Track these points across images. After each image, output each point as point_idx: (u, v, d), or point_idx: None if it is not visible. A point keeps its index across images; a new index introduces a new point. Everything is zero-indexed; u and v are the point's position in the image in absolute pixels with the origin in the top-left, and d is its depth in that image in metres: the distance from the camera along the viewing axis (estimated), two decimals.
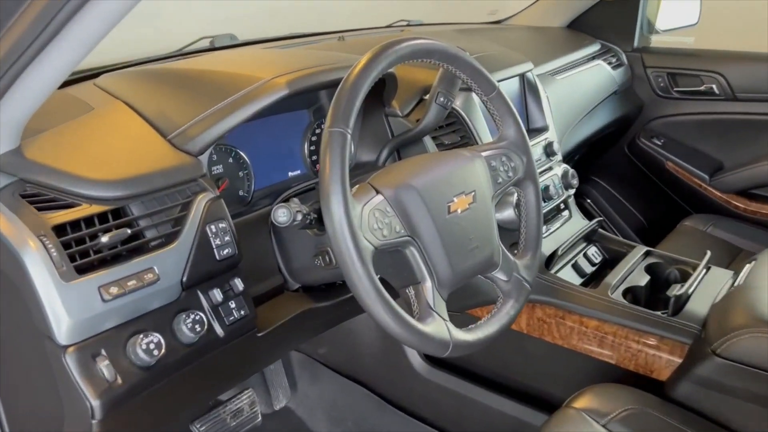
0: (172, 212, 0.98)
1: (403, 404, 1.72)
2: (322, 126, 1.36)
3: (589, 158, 2.53)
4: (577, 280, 1.57)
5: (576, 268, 1.58)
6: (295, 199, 1.00)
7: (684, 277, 1.54)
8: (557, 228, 1.62)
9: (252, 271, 1.12)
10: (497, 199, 1.14)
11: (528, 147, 1.19)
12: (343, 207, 0.87)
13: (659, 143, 2.41)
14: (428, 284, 0.98)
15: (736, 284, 1.33)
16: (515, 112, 1.17)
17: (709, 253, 1.52)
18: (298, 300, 1.18)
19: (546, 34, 2.42)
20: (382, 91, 1.33)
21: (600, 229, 1.71)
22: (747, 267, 1.40)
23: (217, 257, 0.98)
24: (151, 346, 0.89)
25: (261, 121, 1.26)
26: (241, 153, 1.21)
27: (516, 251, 1.19)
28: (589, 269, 1.60)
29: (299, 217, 0.94)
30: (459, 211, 1.03)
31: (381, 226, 0.93)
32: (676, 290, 1.38)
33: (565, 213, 1.68)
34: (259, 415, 1.66)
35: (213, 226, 0.99)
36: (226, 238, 1.00)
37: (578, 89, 2.06)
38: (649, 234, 2.54)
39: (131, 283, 0.89)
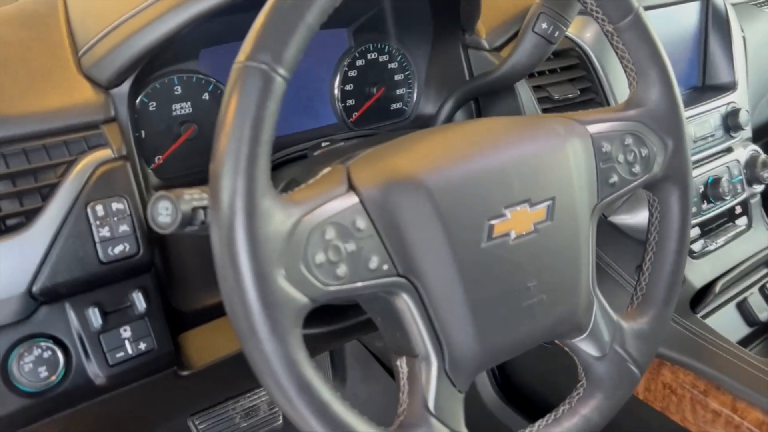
0: (48, 176, 0.61)
1: None
2: (368, 55, 0.94)
3: None
4: (740, 332, 1.01)
5: (743, 310, 1.02)
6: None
7: None
8: (723, 244, 1.06)
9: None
10: (600, 212, 0.64)
11: (681, 122, 0.67)
12: (242, 217, 0.44)
13: None
14: (432, 366, 0.54)
15: None
16: (664, 57, 0.65)
17: None
18: None
19: None
20: (459, 8, 0.85)
21: None
22: None
23: (102, 257, 0.61)
24: None
25: None
26: (223, 86, 0.81)
27: (630, 302, 0.70)
28: (764, 313, 1.03)
29: (203, 216, 0.52)
30: (513, 234, 0.56)
31: (336, 258, 0.49)
32: None
33: (742, 221, 1.10)
34: (280, 418, 1.32)
35: (100, 207, 0.61)
36: (122, 228, 0.62)
37: None
38: None
39: None
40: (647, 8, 0.99)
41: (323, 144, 0.77)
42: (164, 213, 0.50)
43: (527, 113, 0.89)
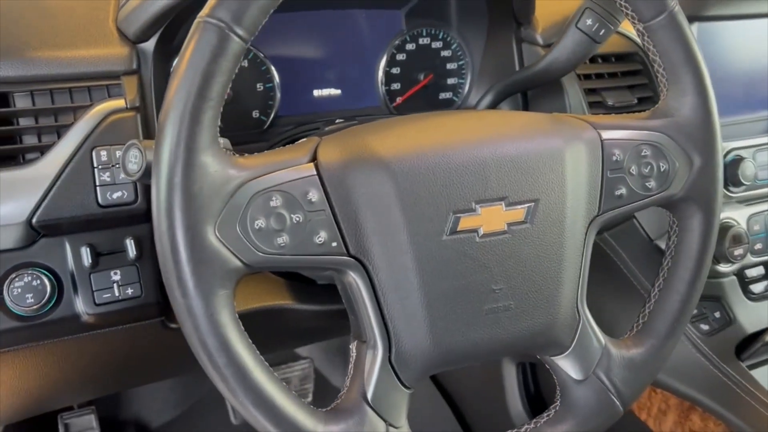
0: (67, 117, 0.65)
1: None
2: (420, 40, 0.91)
3: None
4: None
5: None
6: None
7: None
8: None
9: None
10: (602, 224, 0.59)
11: (714, 138, 0.60)
12: (179, 168, 0.45)
13: None
14: (378, 355, 0.52)
15: None
16: (700, 63, 0.59)
17: None
18: (272, 288, 0.79)
19: None
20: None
21: None
22: None
23: (101, 200, 0.64)
24: None
25: (317, 15, 0.85)
26: (262, 56, 0.82)
27: (630, 328, 0.64)
28: None
29: None
30: (481, 231, 0.53)
31: (279, 226, 0.48)
32: None
33: None
34: (310, 394, 1.34)
35: (104, 153, 0.64)
36: (122, 176, 0.64)
37: None
38: None
39: None
40: (723, 18, 0.88)
41: (337, 121, 0.76)
42: (133, 161, 0.52)
43: None
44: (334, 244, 0.50)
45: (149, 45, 0.69)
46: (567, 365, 0.59)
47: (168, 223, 0.45)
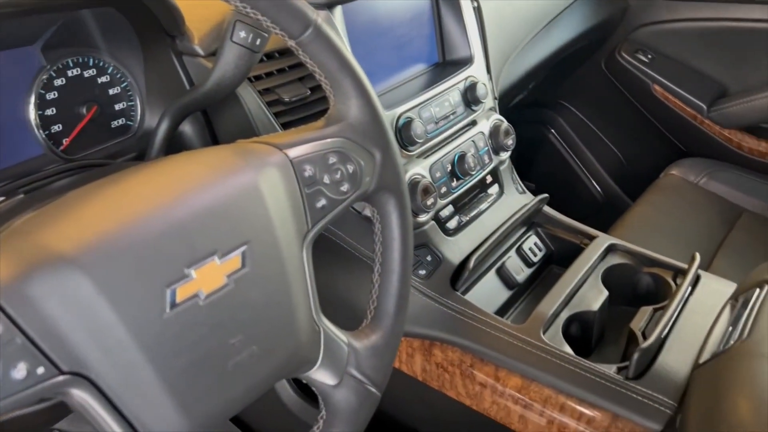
0: None
1: None
2: (68, 72, 0.82)
3: (556, 76, 1.96)
4: (502, 297, 1.07)
5: (502, 274, 1.08)
6: None
7: (659, 288, 1.05)
8: (477, 216, 1.09)
9: None
10: (316, 236, 0.61)
11: (385, 131, 0.65)
12: None
13: (645, 59, 1.83)
14: None
15: (741, 334, 0.83)
16: (354, 67, 0.63)
17: (698, 258, 1.02)
18: None
19: None
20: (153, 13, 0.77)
21: (546, 207, 1.19)
22: (758, 293, 0.90)
23: None
24: None
25: None
26: None
27: (365, 318, 0.68)
28: (521, 274, 1.10)
29: None
30: (202, 294, 0.51)
31: None
32: (642, 341, 0.89)
33: (494, 190, 1.14)
34: None
35: None
36: None
37: None
38: (629, 178, 2.04)
39: None
40: None
41: None
42: None
43: (256, 120, 0.84)
44: (41, 370, 0.44)
45: None
46: (321, 375, 0.61)
47: None
